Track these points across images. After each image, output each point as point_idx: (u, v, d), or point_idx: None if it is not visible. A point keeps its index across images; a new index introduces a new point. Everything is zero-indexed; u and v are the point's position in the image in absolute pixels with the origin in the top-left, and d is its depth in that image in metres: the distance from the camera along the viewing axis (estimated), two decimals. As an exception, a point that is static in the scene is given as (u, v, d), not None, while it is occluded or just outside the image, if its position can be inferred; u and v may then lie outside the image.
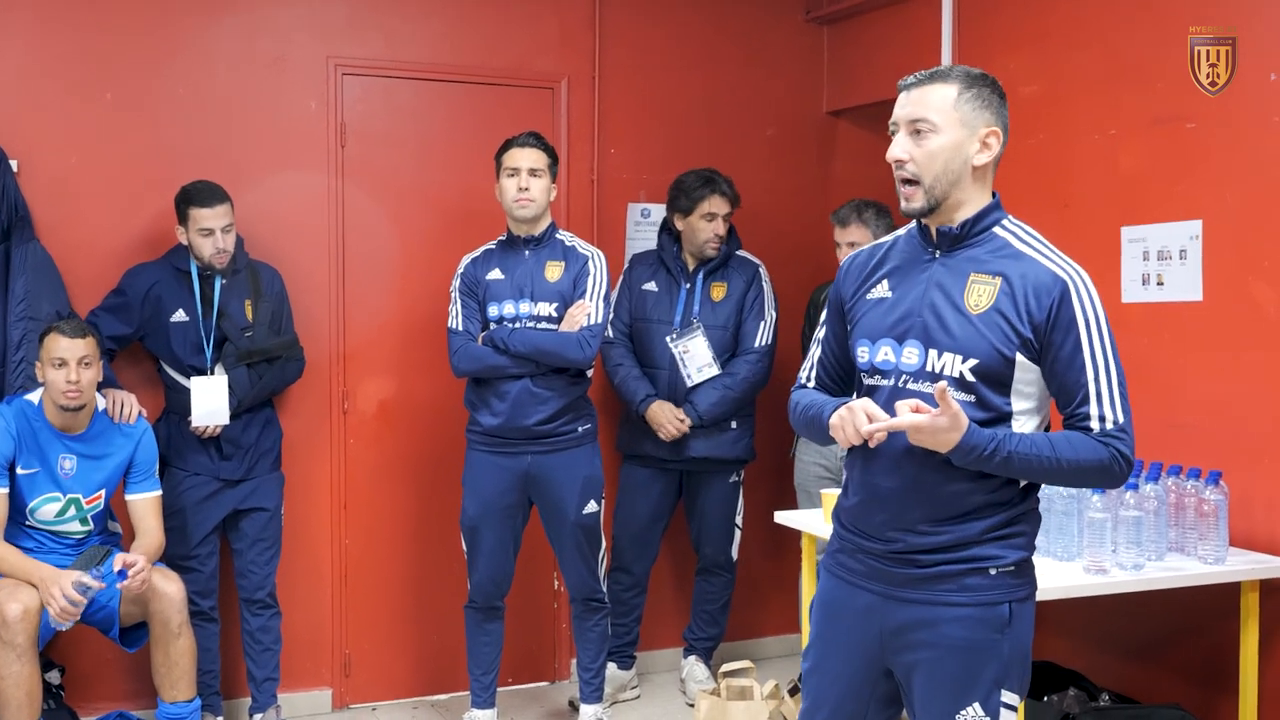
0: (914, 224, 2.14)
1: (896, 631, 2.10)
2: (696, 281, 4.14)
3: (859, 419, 1.99)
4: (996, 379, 2.01)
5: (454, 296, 3.75)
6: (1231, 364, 3.19)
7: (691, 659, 4.36)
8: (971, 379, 2.00)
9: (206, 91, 3.96)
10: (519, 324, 3.65)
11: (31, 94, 3.77)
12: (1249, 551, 3.07)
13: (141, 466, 3.51)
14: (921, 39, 4.22)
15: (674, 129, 4.55)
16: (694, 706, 3.94)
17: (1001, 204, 2.11)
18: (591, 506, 3.75)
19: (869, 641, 2.14)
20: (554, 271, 3.70)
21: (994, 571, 2.04)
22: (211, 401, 3.61)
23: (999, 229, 2.08)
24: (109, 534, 3.60)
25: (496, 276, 3.71)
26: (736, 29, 4.63)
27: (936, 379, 2.01)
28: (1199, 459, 3.10)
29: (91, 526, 3.49)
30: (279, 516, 3.87)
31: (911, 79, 2.08)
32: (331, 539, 4.15)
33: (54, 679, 3.61)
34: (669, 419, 4.03)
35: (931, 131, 2.03)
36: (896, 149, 2.06)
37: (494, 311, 3.68)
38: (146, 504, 3.50)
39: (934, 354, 2.03)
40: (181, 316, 3.66)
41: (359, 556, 4.19)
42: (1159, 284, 3.36)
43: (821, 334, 2.27)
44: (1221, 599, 3.08)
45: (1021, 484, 2.07)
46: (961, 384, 2.01)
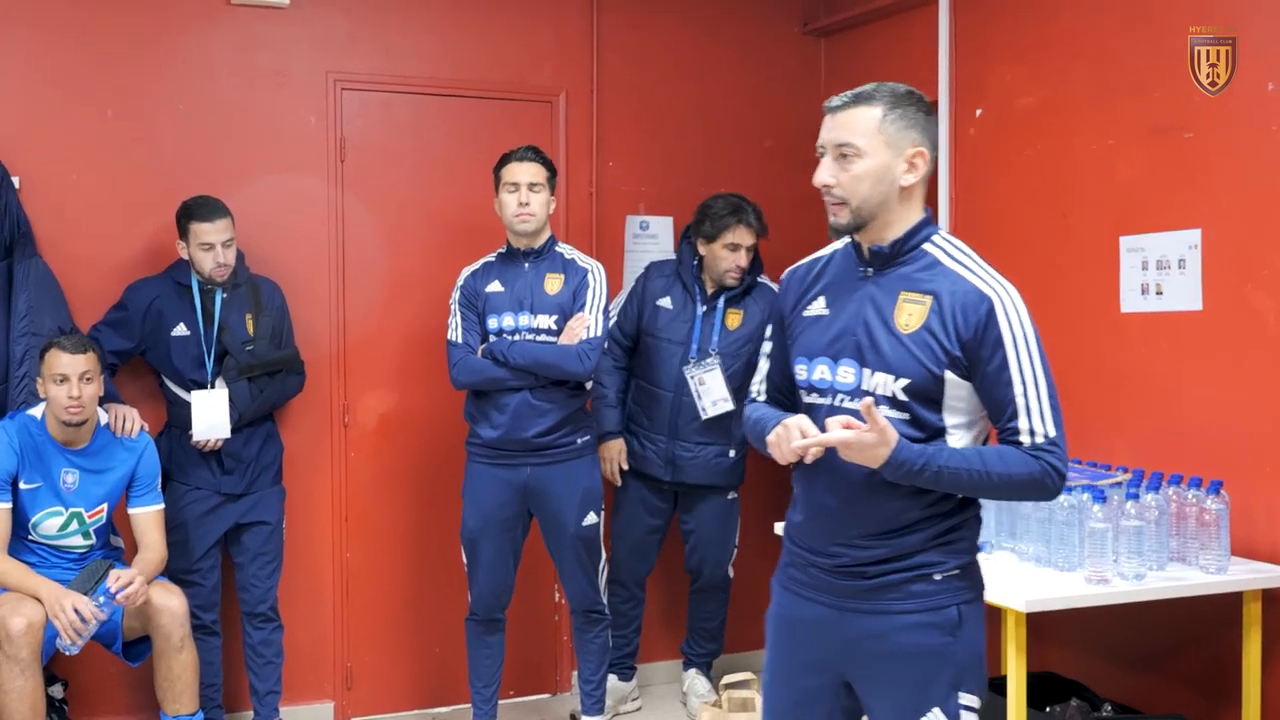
0: (849, 240, 2.15)
1: (851, 644, 2.12)
2: (716, 307, 4.07)
3: (793, 436, 2.01)
4: (928, 396, 2.04)
5: (453, 309, 3.76)
6: (1232, 373, 3.18)
7: (692, 671, 4.35)
8: (904, 398, 2.03)
9: (207, 106, 3.98)
10: (518, 336, 3.66)
11: (33, 110, 3.79)
12: (1251, 561, 3.06)
13: (144, 480, 3.52)
14: (919, 50, 4.22)
15: (672, 141, 4.57)
16: (696, 718, 3.94)
17: (933, 219, 2.12)
18: (591, 518, 3.75)
19: (826, 654, 2.16)
20: (553, 284, 3.70)
21: (939, 577, 2.07)
22: (212, 415, 3.62)
23: (929, 245, 2.09)
24: (111, 548, 3.61)
25: (496, 289, 3.71)
26: (734, 41, 4.64)
27: (864, 400, 2.02)
28: (1200, 468, 3.09)
29: (94, 541, 3.50)
30: (280, 530, 3.87)
31: (836, 101, 2.08)
32: (333, 552, 4.16)
33: (57, 693, 3.62)
34: (611, 466, 4.10)
35: (857, 156, 2.04)
36: (823, 173, 2.08)
37: (493, 324, 3.69)
38: (149, 518, 3.51)
39: (868, 373, 2.06)
40: (182, 330, 3.67)
41: (360, 570, 4.20)
42: (1158, 293, 3.36)
43: (768, 348, 2.30)
44: (1223, 609, 3.07)
45: (959, 495, 2.08)
46: (895, 403, 2.04)
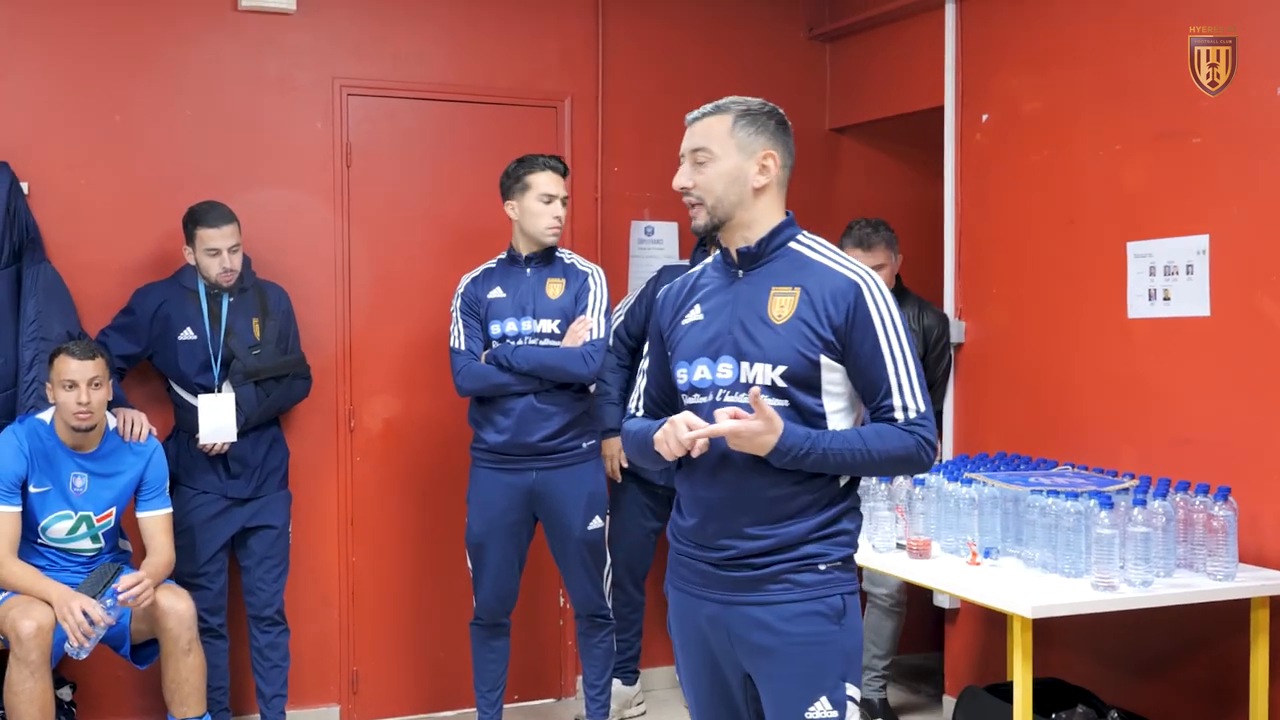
0: (719, 252, 2.28)
1: (740, 637, 2.18)
2: None
3: (680, 430, 2.09)
4: (806, 382, 2.13)
5: (455, 316, 3.76)
6: (1240, 379, 3.18)
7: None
8: (783, 384, 2.13)
9: (214, 113, 3.99)
10: (521, 341, 3.66)
11: (42, 116, 3.80)
12: (1258, 568, 3.06)
13: (152, 484, 3.52)
14: (925, 56, 4.23)
15: (677, 147, 4.49)
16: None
17: (795, 221, 2.23)
18: (596, 522, 3.75)
19: (723, 648, 2.22)
20: (555, 289, 3.71)
21: (823, 568, 2.15)
22: (219, 419, 3.63)
23: (794, 244, 2.21)
24: (120, 552, 3.62)
25: (498, 295, 3.71)
26: (739, 47, 4.65)
27: (751, 389, 2.11)
28: (1207, 475, 3.08)
29: (102, 544, 3.51)
30: (287, 534, 3.88)
31: (695, 114, 2.25)
32: (339, 556, 4.17)
33: (66, 695, 3.63)
34: (612, 464, 4.07)
35: (710, 159, 2.20)
36: (681, 178, 2.23)
37: (496, 330, 3.69)
38: (157, 521, 3.51)
39: (746, 366, 2.15)
40: (189, 335, 3.68)
41: (366, 574, 4.20)
42: (1165, 299, 3.36)
43: (645, 365, 2.37)
44: (1231, 616, 3.06)
45: (841, 482, 2.18)
46: (775, 390, 2.13)
